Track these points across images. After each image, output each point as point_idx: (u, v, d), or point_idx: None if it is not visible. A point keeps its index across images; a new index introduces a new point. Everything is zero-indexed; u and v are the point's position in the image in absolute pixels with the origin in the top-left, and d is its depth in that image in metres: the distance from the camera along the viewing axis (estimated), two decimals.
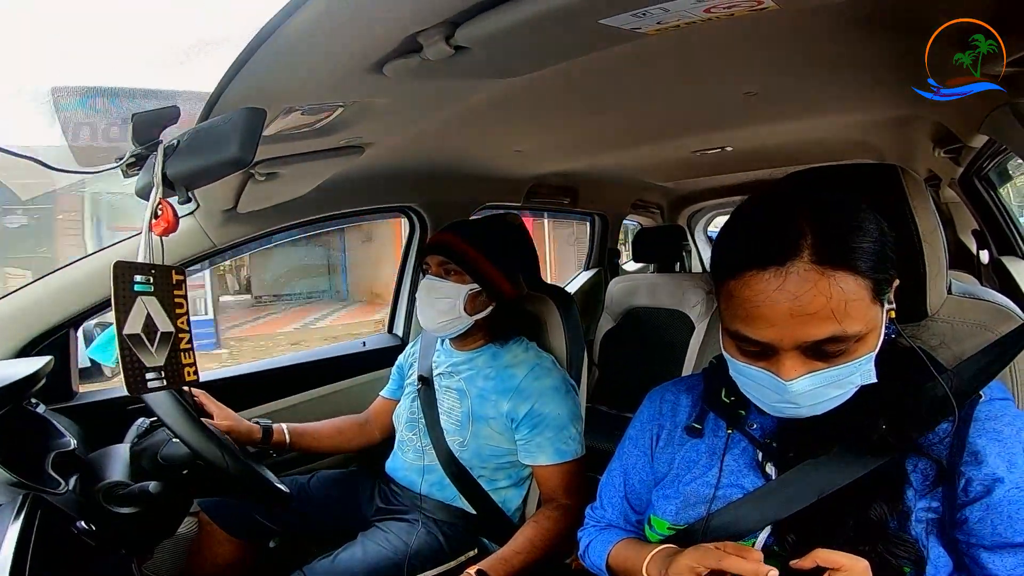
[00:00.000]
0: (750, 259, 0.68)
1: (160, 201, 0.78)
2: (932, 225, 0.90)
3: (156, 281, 0.77)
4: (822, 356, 0.69)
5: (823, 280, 0.65)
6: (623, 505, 0.98)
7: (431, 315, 1.37)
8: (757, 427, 0.84)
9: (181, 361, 0.80)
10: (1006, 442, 0.71)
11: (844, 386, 0.71)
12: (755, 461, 0.82)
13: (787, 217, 0.69)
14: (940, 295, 0.91)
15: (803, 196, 0.72)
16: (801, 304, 0.65)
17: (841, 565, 0.64)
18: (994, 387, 0.77)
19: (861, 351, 0.69)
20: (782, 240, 0.67)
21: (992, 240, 2.34)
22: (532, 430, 1.31)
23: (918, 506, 0.72)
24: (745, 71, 1.15)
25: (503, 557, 1.21)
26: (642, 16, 0.67)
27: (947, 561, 0.71)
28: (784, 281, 0.66)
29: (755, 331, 0.69)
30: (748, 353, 0.73)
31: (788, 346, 0.68)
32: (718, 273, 0.74)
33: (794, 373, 0.69)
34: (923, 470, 0.73)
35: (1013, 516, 0.68)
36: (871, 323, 0.69)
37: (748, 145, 2.02)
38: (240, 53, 0.71)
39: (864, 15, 0.84)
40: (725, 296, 0.72)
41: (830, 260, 0.65)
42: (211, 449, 1.01)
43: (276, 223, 1.60)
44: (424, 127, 1.27)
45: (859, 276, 0.66)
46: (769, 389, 0.72)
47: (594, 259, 3.15)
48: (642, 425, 0.97)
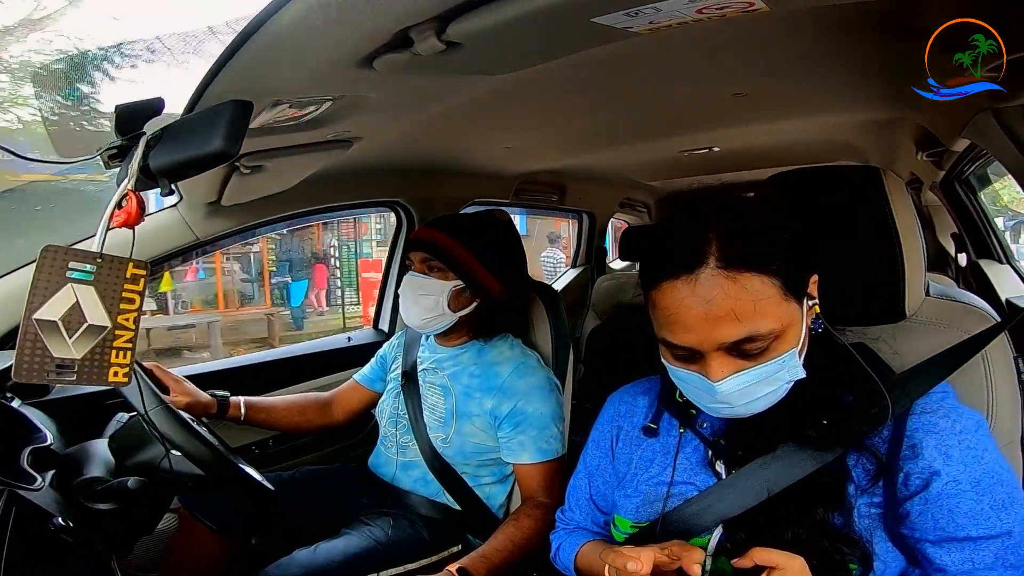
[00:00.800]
0: (664, 269, 0.72)
1: (128, 193, 0.75)
2: (911, 227, 0.91)
3: (101, 271, 0.74)
4: (745, 355, 0.72)
5: (729, 283, 0.68)
6: (590, 507, 1.01)
7: (414, 311, 1.37)
8: (707, 426, 0.87)
9: (108, 359, 0.75)
10: (942, 434, 0.73)
11: (773, 383, 0.73)
12: (706, 459, 0.85)
13: (694, 227, 0.73)
14: (918, 296, 0.93)
15: (710, 205, 0.76)
16: (712, 307, 0.69)
17: (776, 564, 0.66)
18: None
19: (782, 348, 0.72)
20: (690, 249, 0.71)
21: (970, 243, 2.38)
22: (514, 428, 1.32)
23: (860, 502, 0.74)
24: (734, 72, 1.16)
25: (483, 555, 1.21)
26: (634, 15, 0.67)
27: (896, 556, 0.73)
28: (695, 287, 0.69)
29: (677, 337, 0.73)
30: (679, 358, 0.76)
31: (709, 348, 0.71)
32: (643, 285, 0.77)
33: (721, 374, 0.72)
34: (864, 465, 0.75)
35: (953, 510, 0.70)
36: (786, 320, 0.71)
37: (735, 146, 2.04)
38: (228, 45, 0.70)
39: (853, 18, 0.85)
40: (651, 306, 0.76)
41: (734, 264, 0.69)
42: (193, 445, 1.00)
43: (261, 216, 1.58)
44: (413, 122, 1.26)
45: (765, 276, 0.69)
46: (702, 391, 0.75)
47: (581, 257, 3.16)
48: (602, 427, 1.00)
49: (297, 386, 1.75)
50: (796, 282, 0.73)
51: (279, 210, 1.62)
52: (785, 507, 0.75)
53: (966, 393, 0.83)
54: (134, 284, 0.77)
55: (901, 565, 0.73)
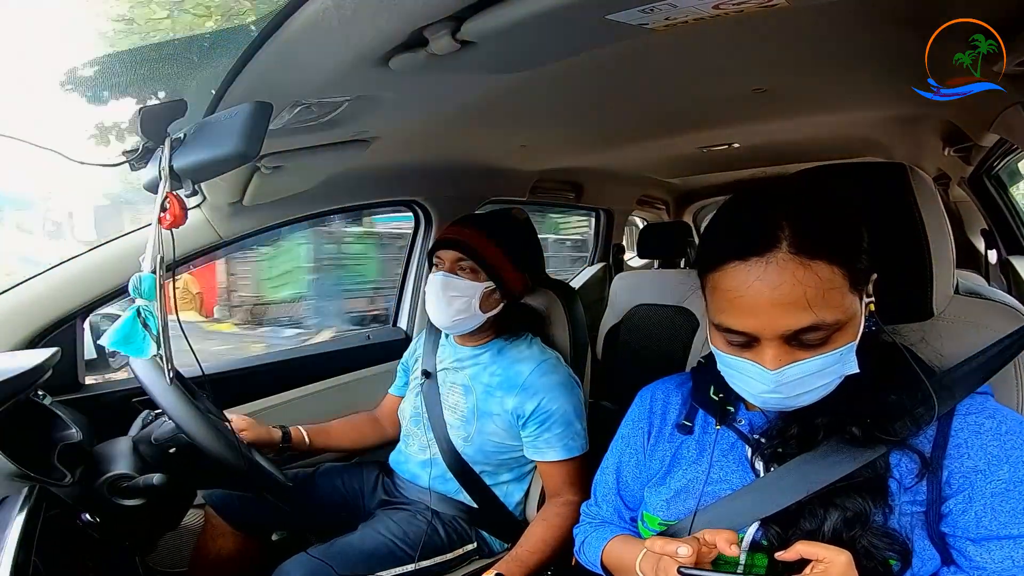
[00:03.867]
0: (733, 251, 0.71)
1: (168, 195, 0.78)
2: (939, 224, 0.89)
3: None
4: (804, 346, 0.71)
5: (801, 269, 0.67)
6: (616, 501, 1.00)
7: (446, 313, 1.35)
8: (745, 423, 0.86)
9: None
10: (986, 435, 0.73)
11: (827, 376, 0.72)
12: (744, 457, 0.84)
13: (767, 212, 0.72)
14: (946, 294, 0.91)
15: (782, 192, 0.76)
16: (781, 292, 0.68)
17: (823, 557, 0.66)
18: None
19: (841, 340, 0.71)
20: (762, 233, 0.70)
21: (1001, 240, 2.32)
22: (540, 426, 1.31)
23: (902, 499, 0.73)
24: (754, 67, 1.14)
25: (518, 558, 1.21)
26: (650, 12, 0.66)
27: (934, 554, 0.72)
28: (765, 271, 0.68)
29: (739, 321, 0.71)
30: (734, 344, 0.75)
31: (771, 335, 0.70)
32: (704, 267, 0.76)
33: (778, 363, 0.71)
34: (907, 464, 0.74)
35: (996, 508, 0.70)
36: (849, 312, 0.71)
37: (755, 141, 2.01)
38: (246, 47, 0.71)
39: (874, 12, 0.84)
40: (711, 289, 0.75)
41: (807, 250, 0.68)
42: (212, 440, 1.02)
43: (282, 216, 1.60)
44: (430, 121, 1.26)
45: (835, 266, 0.69)
46: (755, 380, 0.74)
47: (599, 254, 3.14)
48: (633, 423, 0.99)
49: (317, 384, 1.77)
50: (862, 276, 0.72)
51: (300, 210, 1.64)
52: (824, 503, 0.74)
53: (997, 393, 0.81)
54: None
55: (936, 564, 0.73)
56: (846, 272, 0.69)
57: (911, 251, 0.89)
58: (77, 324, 1.36)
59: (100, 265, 1.36)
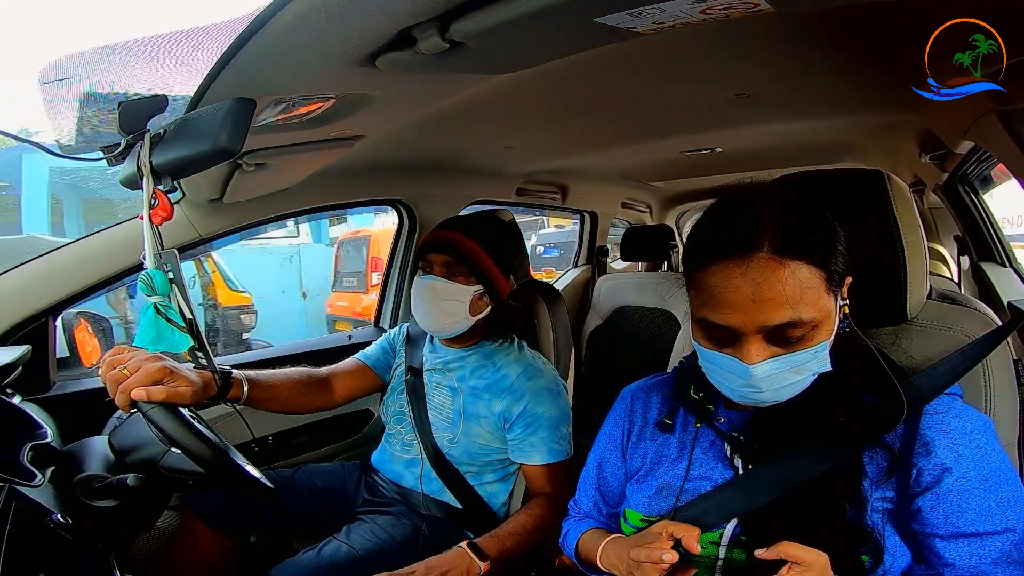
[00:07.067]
0: (717, 250, 0.75)
1: (154, 190, 0.77)
2: (914, 230, 0.92)
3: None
4: (782, 342, 0.74)
5: (781, 268, 0.71)
6: (596, 496, 1.04)
7: (436, 317, 1.34)
8: (725, 421, 0.88)
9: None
10: (954, 434, 0.76)
11: (802, 372, 0.75)
12: (724, 455, 0.86)
13: (750, 213, 0.76)
14: (920, 299, 0.93)
15: (765, 196, 0.79)
16: (761, 290, 0.71)
17: (803, 559, 0.68)
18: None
19: (817, 338, 0.75)
20: (745, 234, 0.73)
21: (973, 246, 2.37)
22: (526, 430, 1.31)
23: (874, 496, 0.76)
24: (738, 73, 1.16)
25: (495, 535, 1.22)
26: (638, 16, 0.67)
27: (904, 551, 0.75)
28: (746, 269, 0.72)
29: (721, 316, 0.74)
30: (715, 339, 0.78)
31: (751, 330, 0.73)
32: (689, 266, 0.79)
33: (756, 358, 0.74)
34: (878, 460, 0.77)
35: (963, 505, 0.73)
36: (824, 312, 0.74)
37: (738, 147, 2.03)
38: (231, 43, 0.69)
39: (857, 19, 0.85)
40: (695, 286, 0.78)
41: (787, 251, 0.72)
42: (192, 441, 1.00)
43: (263, 214, 1.58)
44: (416, 121, 1.26)
45: (813, 266, 0.72)
46: (734, 374, 0.77)
47: (583, 257, 3.15)
48: (615, 422, 1.02)
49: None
50: (837, 278, 0.76)
51: (281, 208, 1.62)
52: (800, 500, 0.77)
53: (967, 394, 0.84)
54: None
55: (908, 560, 0.76)
56: (823, 273, 0.73)
57: (887, 257, 0.91)
58: (49, 321, 1.32)
59: (74, 262, 1.33)
